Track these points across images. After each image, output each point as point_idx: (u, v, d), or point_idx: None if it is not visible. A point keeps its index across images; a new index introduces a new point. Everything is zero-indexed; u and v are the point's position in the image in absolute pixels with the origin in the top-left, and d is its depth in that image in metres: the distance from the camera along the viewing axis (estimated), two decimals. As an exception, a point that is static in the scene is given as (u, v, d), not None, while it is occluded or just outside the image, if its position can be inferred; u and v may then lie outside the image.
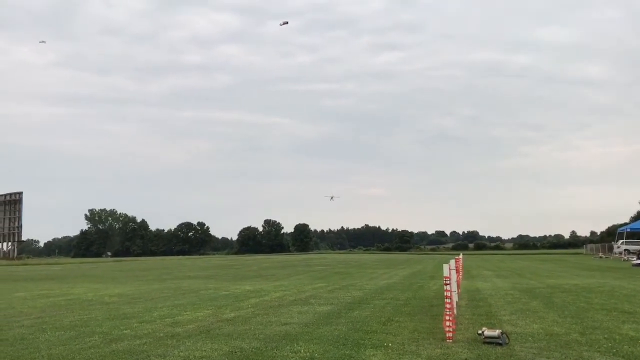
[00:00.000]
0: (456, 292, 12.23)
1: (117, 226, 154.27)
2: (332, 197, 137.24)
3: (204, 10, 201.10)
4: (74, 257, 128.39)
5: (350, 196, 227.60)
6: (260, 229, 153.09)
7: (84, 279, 29.19)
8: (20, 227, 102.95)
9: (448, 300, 8.44)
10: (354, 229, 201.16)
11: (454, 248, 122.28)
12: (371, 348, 8.00)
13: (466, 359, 7.29)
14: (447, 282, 8.58)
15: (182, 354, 7.82)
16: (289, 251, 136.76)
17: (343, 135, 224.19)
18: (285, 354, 7.71)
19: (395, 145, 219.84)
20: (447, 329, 8.42)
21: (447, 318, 8.42)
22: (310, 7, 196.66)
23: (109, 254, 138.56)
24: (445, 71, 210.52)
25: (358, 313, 11.95)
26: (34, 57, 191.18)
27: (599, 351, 7.70)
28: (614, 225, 73.72)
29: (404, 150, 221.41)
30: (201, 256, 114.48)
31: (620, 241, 54.54)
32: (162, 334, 9.49)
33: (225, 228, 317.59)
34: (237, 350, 7.97)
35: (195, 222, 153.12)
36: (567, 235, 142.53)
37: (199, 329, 9.95)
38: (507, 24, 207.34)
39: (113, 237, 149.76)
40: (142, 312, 12.79)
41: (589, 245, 71.73)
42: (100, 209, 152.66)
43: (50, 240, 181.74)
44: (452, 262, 9.84)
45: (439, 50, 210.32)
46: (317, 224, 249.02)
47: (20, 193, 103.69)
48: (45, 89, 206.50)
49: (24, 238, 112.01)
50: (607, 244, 60.71)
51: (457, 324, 9.38)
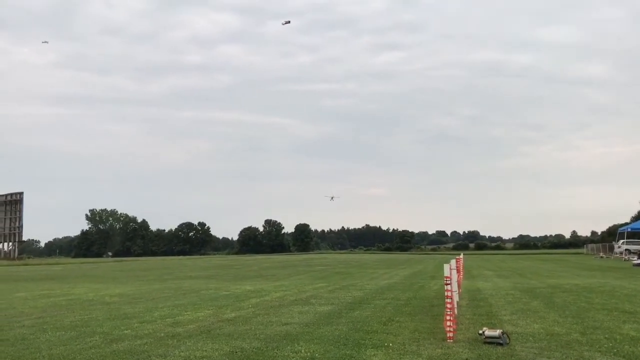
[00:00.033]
0: (457, 292, 12.23)
1: (118, 226, 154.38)
2: (332, 197, 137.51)
3: (204, 10, 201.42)
4: (74, 257, 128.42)
5: (351, 196, 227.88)
6: (261, 229, 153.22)
7: (85, 279, 29.22)
8: (21, 227, 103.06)
9: (449, 300, 8.44)
10: (354, 229, 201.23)
11: (455, 248, 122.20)
12: (372, 348, 8.00)
13: (467, 359, 7.29)
14: (448, 282, 8.59)
15: (182, 354, 7.83)
16: (290, 251, 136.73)
17: (343, 135, 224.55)
18: (286, 354, 7.71)
19: (395, 145, 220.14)
20: (448, 329, 8.42)
21: (448, 318, 8.42)
22: (311, 7, 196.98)
23: (110, 254, 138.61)
24: (446, 71, 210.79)
25: (359, 313, 11.95)
26: (34, 57, 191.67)
27: (599, 351, 7.70)
28: (614, 225, 73.67)
29: (404, 150, 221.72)
30: (202, 256, 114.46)
31: (621, 241, 54.53)
32: (162, 334, 9.49)
33: (226, 228, 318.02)
34: (237, 350, 7.97)
35: (195, 222, 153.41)
36: (567, 235, 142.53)
37: (200, 329, 9.96)
38: (507, 23, 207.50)
39: (114, 237, 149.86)
40: (142, 312, 12.80)
41: (590, 245, 71.69)
42: (101, 209, 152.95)
43: (51, 240, 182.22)
44: (453, 262, 9.84)
45: (439, 50, 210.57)
46: (318, 224, 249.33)
47: (21, 193, 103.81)
48: (45, 89, 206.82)
49: (24, 238, 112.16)
50: (607, 244, 60.66)
51: (457, 324, 9.37)
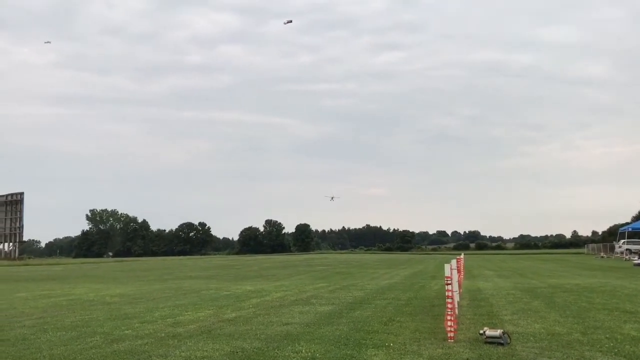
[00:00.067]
0: (457, 292, 12.23)
1: (118, 226, 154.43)
2: (332, 198, 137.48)
3: (204, 10, 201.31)
4: (75, 257, 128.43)
5: (351, 196, 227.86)
6: (261, 229, 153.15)
7: (85, 279, 29.23)
8: (21, 227, 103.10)
9: (449, 300, 8.44)
10: (355, 229, 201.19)
11: (455, 248, 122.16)
12: (373, 348, 8.00)
13: (468, 359, 7.29)
14: (449, 282, 8.58)
15: (183, 354, 7.82)
16: (290, 251, 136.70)
17: (343, 135, 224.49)
18: (287, 354, 7.71)
19: (395, 145, 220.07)
20: (449, 328, 8.42)
21: (449, 318, 8.41)
22: (311, 7, 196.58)
23: (110, 254, 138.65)
24: (446, 71, 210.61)
25: (359, 313, 11.95)
26: (34, 58, 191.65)
27: (600, 351, 7.69)
28: (615, 225, 73.61)
29: (405, 150, 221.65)
30: (202, 256, 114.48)
31: (622, 241, 54.54)
32: (163, 334, 9.49)
33: (226, 228, 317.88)
34: (238, 351, 7.97)
35: (196, 223, 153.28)
36: (568, 235, 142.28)
37: (201, 329, 9.96)
38: (507, 23, 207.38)
39: (114, 237, 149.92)
40: (143, 312, 12.80)
41: (591, 245, 71.67)
42: (101, 209, 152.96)
43: (52, 240, 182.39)
44: (454, 262, 9.84)
45: (439, 50, 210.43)
46: (318, 224, 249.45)
47: (22, 193, 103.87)
48: (45, 89, 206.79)
49: (25, 238, 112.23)
50: (608, 244, 60.67)
51: (458, 324, 9.37)
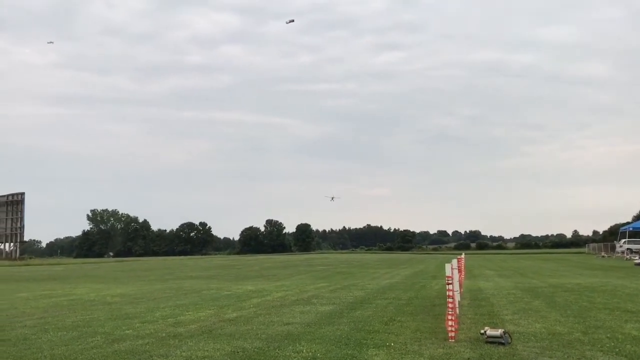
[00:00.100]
0: (458, 292, 12.23)
1: (119, 226, 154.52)
2: (332, 198, 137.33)
3: (204, 10, 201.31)
4: (76, 257, 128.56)
5: (352, 196, 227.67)
6: (262, 229, 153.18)
7: (86, 280, 29.25)
8: (22, 227, 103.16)
9: (450, 300, 8.43)
10: (355, 229, 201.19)
11: (456, 248, 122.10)
12: (373, 348, 8.00)
13: (469, 359, 7.28)
14: (450, 282, 8.58)
15: (184, 354, 7.83)
16: (291, 251, 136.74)
17: (343, 135, 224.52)
18: (288, 353, 7.71)
19: (395, 145, 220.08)
20: (450, 328, 8.42)
21: (450, 318, 8.41)
22: (311, 7, 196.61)
23: (111, 254, 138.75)
24: (446, 71, 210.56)
25: (360, 313, 11.95)
26: (35, 58, 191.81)
27: (601, 350, 7.69)
28: (616, 225, 73.56)
29: (405, 150, 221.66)
30: (203, 256, 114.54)
31: (623, 240, 54.52)
32: (164, 334, 9.50)
33: (227, 228, 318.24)
34: (239, 350, 7.97)
35: (197, 223, 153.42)
36: (569, 235, 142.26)
37: (201, 329, 9.96)
38: (507, 23, 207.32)
39: (115, 237, 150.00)
40: (144, 312, 12.81)
41: (591, 245, 71.65)
42: (102, 209, 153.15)
43: (53, 240, 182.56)
44: (454, 261, 9.85)
45: (439, 50, 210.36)
46: (319, 224, 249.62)
47: (22, 194, 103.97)
48: (46, 89, 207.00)
49: (26, 238, 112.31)
50: (609, 243, 60.63)
51: (459, 324, 9.37)
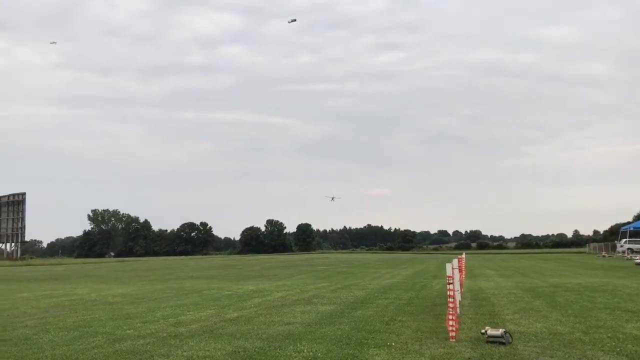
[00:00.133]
0: (459, 292, 12.23)
1: (120, 226, 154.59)
2: (332, 198, 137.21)
3: (205, 11, 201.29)
4: (77, 257, 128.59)
5: (352, 196, 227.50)
6: (263, 228, 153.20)
7: (87, 280, 29.27)
8: (23, 227, 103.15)
9: (451, 300, 8.44)
10: (356, 229, 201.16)
11: (457, 247, 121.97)
12: (374, 347, 8.00)
13: (469, 358, 7.28)
14: (450, 282, 8.58)
15: (185, 353, 7.83)
16: (292, 251, 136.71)
17: (343, 135, 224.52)
18: (289, 353, 7.71)
19: (395, 145, 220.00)
20: (450, 328, 8.42)
21: (450, 317, 8.41)
22: (311, 7, 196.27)
23: (112, 254, 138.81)
24: (446, 71, 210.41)
25: (361, 313, 11.95)
26: (36, 58, 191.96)
27: (602, 350, 7.69)
28: (616, 224, 73.52)
29: (405, 150, 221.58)
30: (204, 256, 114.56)
31: (624, 240, 54.52)
32: (165, 334, 9.50)
33: (228, 228, 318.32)
34: (240, 350, 7.98)
35: (197, 223, 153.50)
36: (570, 234, 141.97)
37: (202, 329, 9.97)
38: (507, 23, 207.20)
39: (116, 237, 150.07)
40: (145, 312, 12.82)
41: (592, 244, 71.60)
42: (103, 210, 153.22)
43: (54, 240, 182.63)
44: (455, 261, 9.85)
45: (439, 50, 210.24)
46: (320, 223, 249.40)
47: (24, 194, 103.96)
48: (47, 89, 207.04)
49: (27, 239, 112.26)
50: (610, 243, 60.62)
51: (460, 324, 9.37)
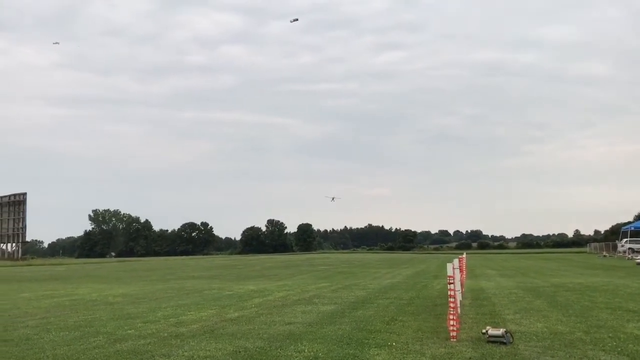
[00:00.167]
0: (460, 292, 12.23)
1: (121, 226, 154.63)
2: (333, 198, 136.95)
3: (206, 11, 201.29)
4: (78, 257, 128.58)
5: (353, 196, 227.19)
6: (264, 228, 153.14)
7: (88, 280, 29.29)
8: (24, 227, 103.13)
9: (452, 300, 8.43)
10: (357, 229, 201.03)
11: (458, 247, 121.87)
12: (375, 347, 8.00)
13: (470, 358, 7.28)
14: (451, 281, 8.58)
15: (186, 353, 7.84)
16: (292, 251, 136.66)
17: (344, 135, 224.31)
18: (289, 353, 7.72)
19: (396, 145, 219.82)
20: (451, 328, 8.42)
21: (451, 317, 8.41)
22: (312, 7, 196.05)
23: (113, 254, 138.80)
24: (446, 71, 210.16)
25: (362, 312, 11.96)
26: (36, 59, 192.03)
27: (603, 350, 7.68)
28: (617, 224, 73.47)
29: (405, 150, 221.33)
30: (205, 256, 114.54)
31: (624, 240, 54.49)
32: (166, 334, 9.51)
33: (229, 228, 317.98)
34: (241, 350, 7.98)
35: (198, 223, 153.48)
36: (570, 234, 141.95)
37: (203, 329, 9.97)
38: (507, 23, 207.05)
39: (117, 237, 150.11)
40: (146, 312, 12.83)
41: (593, 244, 71.57)
42: (103, 210, 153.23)
43: (54, 240, 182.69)
44: (456, 261, 9.86)
45: (439, 49, 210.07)
46: (320, 223, 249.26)
47: (25, 194, 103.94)
48: (47, 90, 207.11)
49: (28, 239, 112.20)
50: (611, 243, 60.58)
51: (461, 323, 9.36)
